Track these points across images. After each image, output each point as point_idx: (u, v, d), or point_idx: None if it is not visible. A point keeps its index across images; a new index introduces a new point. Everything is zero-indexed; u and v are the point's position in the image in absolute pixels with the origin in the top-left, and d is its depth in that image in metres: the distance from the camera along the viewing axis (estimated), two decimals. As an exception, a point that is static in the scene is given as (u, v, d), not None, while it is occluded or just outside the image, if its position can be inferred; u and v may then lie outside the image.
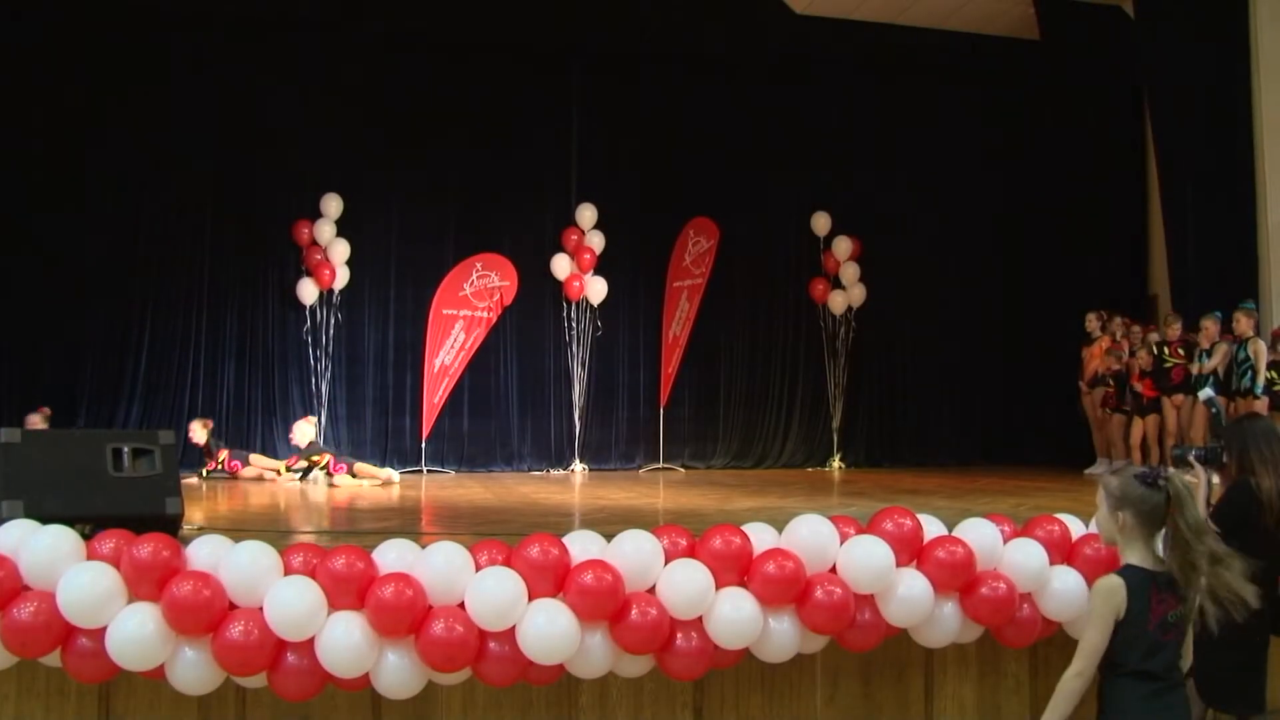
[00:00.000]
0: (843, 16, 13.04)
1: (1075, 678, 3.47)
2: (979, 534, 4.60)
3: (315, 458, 11.14)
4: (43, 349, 11.55)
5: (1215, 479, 4.37)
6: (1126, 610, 3.40)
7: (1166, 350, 10.43)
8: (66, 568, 4.04)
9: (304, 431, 11.41)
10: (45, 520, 4.36)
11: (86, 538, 4.27)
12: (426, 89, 12.83)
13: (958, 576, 4.45)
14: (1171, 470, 3.51)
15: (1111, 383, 10.99)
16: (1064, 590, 4.53)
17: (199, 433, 11.42)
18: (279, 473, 11.24)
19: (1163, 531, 3.45)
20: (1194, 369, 10.08)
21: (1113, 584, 3.45)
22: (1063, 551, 4.67)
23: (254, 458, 11.56)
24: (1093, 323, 11.84)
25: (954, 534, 4.62)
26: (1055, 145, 13.52)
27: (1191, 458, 4.41)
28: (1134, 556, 3.47)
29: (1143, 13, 11.78)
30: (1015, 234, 14.18)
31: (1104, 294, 12.31)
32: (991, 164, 14.31)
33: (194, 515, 6.47)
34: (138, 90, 11.84)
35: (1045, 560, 4.60)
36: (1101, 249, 13.24)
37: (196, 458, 11.41)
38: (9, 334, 11.36)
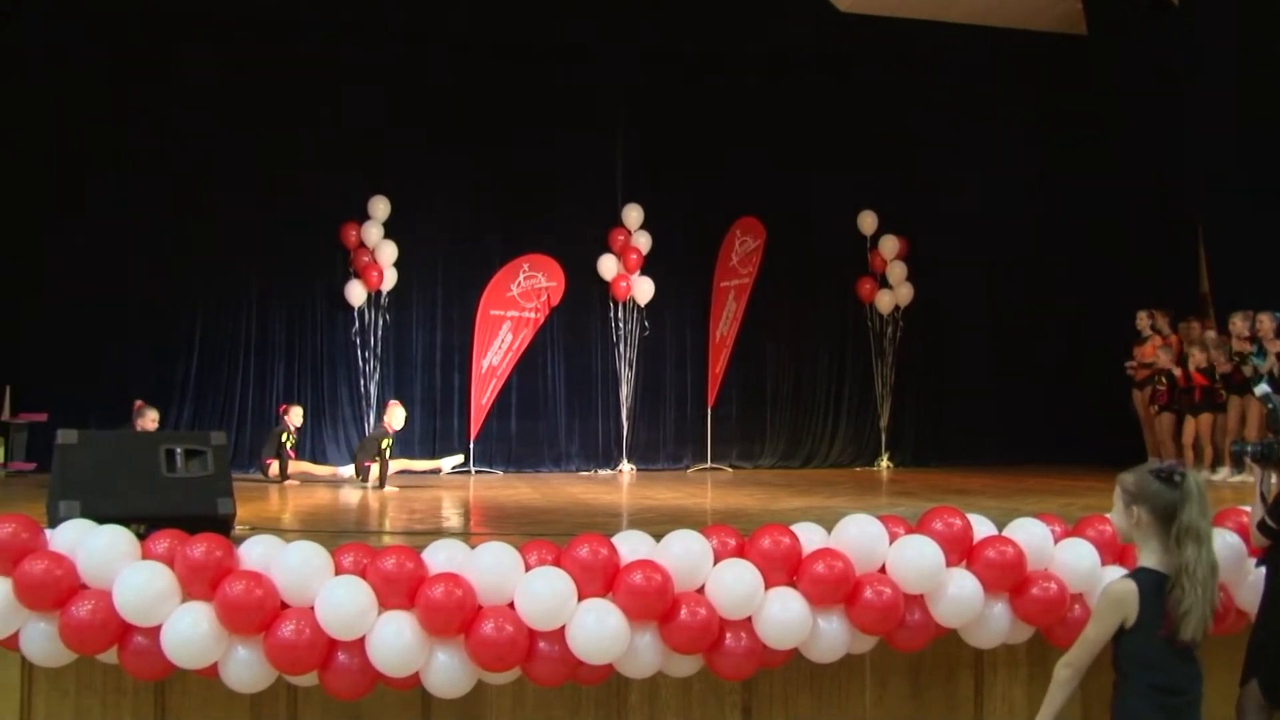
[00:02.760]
0: (887, 14, 12.91)
1: (1064, 667, 3.43)
2: (1029, 534, 4.56)
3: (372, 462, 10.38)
4: (97, 352, 11.68)
5: (1274, 477, 4.25)
6: (1137, 617, 3.31)
7: (1233, 347, 10.22)
8: (122, 567, 4.11)
9: (399, 415, 10.85)
10: (101, 520, 4.43)
11: (141, 538, 4.33)
12: (473, 89, 12.86)
13: (1008, 576, 4.42)
14: (1189, 469, 3.43)
15: (1165, 381, 10.81)
16: (1116, 591, 4.48)
17: (297, 416, 11.48)
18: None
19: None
20: (1247, 369, 9.86)
21: (1124, 589, 3.34)
22: (1114, 552, 4.63)
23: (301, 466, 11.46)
24: (1143, 321, 11.63)
25: (1004, 534, 4.59)
26: (1103, 141, 13.31)
27: (1247, 455, 4.32)
28: (1150, 557, 3.37)
29: (1185, 6, 11.58)
30: (1062, 231, 13.97)
31: (1154, 292, 12.10)
32: (1039, 161, 14.14)
33: (245, 515, 6.53)
34: (185, 90, 11.95)
35: (1097, 560, 4.56)
36: (1151, 246, 13.02)
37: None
38: (66, 338, 11.48)
